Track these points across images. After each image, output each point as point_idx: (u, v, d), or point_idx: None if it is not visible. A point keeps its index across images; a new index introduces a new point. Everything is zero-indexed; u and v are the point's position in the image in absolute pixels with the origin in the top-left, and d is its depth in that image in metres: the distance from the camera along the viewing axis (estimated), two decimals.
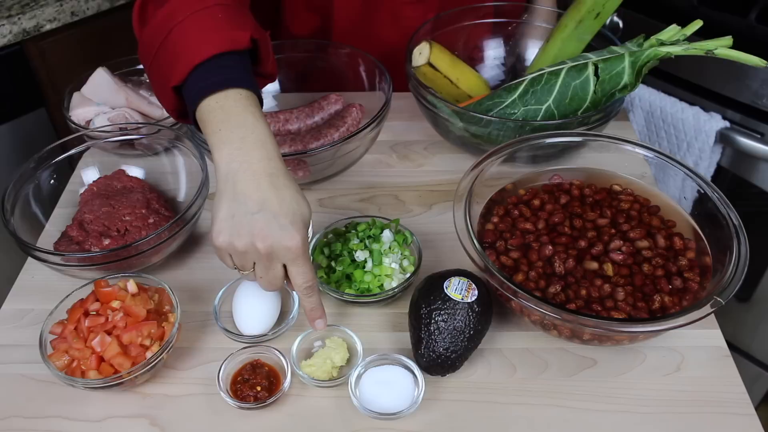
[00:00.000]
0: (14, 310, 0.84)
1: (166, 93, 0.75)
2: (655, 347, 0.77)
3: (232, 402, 0.71)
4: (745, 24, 1.29)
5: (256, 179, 0.67)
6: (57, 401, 0.74)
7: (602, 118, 0.92)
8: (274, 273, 0.70)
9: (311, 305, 0.74)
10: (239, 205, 0.67)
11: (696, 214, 0.82)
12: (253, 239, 0.67)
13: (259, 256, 0.68)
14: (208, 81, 0.70)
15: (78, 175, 0.98)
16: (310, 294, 0.73)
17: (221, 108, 0.70)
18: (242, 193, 0.67)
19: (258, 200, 0.67)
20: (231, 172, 0.68)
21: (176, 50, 0.72)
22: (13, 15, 1.43)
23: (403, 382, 0.71)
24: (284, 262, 0.70)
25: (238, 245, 0.68)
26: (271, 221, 0.67)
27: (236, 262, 0.71)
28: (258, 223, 0.67)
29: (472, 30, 1.13)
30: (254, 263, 0.70)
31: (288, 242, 0.67)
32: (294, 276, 0.71)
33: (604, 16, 0.97)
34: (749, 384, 1.12)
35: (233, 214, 0.67)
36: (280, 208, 0.67)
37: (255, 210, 0.67)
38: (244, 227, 0.67)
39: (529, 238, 0.79)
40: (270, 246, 0.67)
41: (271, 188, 0.68)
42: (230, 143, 0.68)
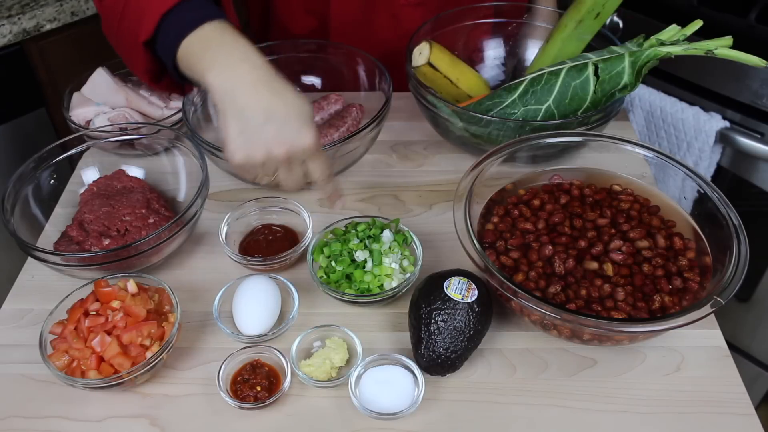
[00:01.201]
0: (14, 310, 0.84)
1: (137, 53, 0.77)
2: (655, 347, 0.77)
3: (232, 402, 0.71)
4: (745, 24, 1.29)
5: (254, 90, 0.69)
6: (57, 401, 0.74)
7: (602, 118, 0.92)
8: (296, 173, 0.74)
9: (329, 191, 0.79)
10: (246, 120, 0.69)
11: (696, 214, 0.82)
12: (270, 147, 0.70)
13: (279, 161, 0.71)
14: (182, 22, 0.73)
15: (78, 175, 0.98)
16: (329, 182, 0.78)
17: (200, 39, 0.72)
18: (245, 107, 0.69)
19: (263, 109, 0.69)
20: (227, 91, 0.70)
21: (140, 7, 0.75)
22: (13, 15, 1.43)
23: (403, 382, 0.71)
24: (302, 159, 0.73)
25: (256, 157, 0.70)
26: (282, 126, 0.69)
27: (258, 172, 0.74)
28: (270, 132, 0.69)
29: (472, 30, 1.13)
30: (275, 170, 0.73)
31: (303, 142, 0.71)
32: (313, 171, 0.75)
33: (604, 16, 0.97)
34: (749, 384, 1.12)
35: (242, 130, 0.69)
36: (286, 112, 0.70)
37: (263, 120, 0.69)
38: (258, 139, 0.69)
39: (529, 238, 0.79)
40: (287, 150, 0.70)
41: (272, 94, 0.70)
42: (217, 64, 0.70)
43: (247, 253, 0.87)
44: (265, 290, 0.79)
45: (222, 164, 0.95)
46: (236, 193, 0.99)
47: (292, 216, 0.91)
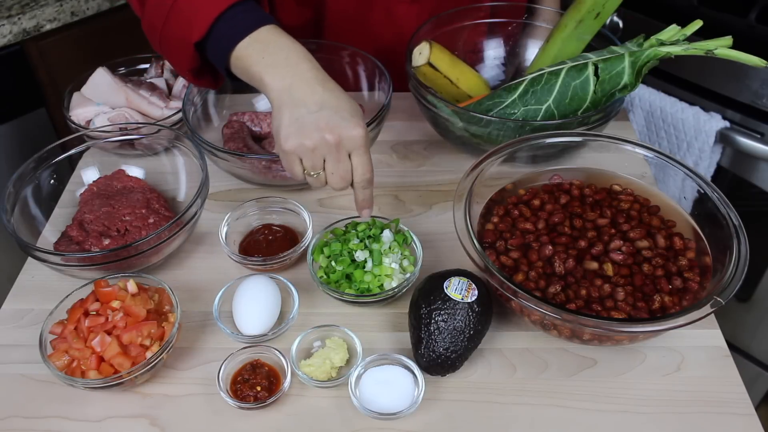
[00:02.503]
0: (14, 310, 0.84)
1: (184, 53, 0.80)
2: (655, 347, 0.77)
3: (232, 402, 0.71)
4: (745, 24, 1.29)
5: (310, 86, 0.74)
6: (57, 401, 0.74)
7: (602, 118, 0.92)
8: (344, 165, 0.76)
9: (364, 197, 0.79)
10: (300, 109, 0.73)
11: (696, 214, 0.82)
12: (322, 133, 0.73)
13: (330, 148, 0.74)
14: (237, 27, 0.77)
15: (78, 175, 0.98)
16: (367, 186, 0.78)
17: (257, 41, 0.76)
18: (300, 98, 0.74)
19: (317, 101, 0.74)
20: (285, 87, 0.74)
21: (191, 8, 0.78)
22: (13, 15, 1.43)
23: (403, 382, 0.71)
24: (350, 150, 0.75)
25: (307, 143, 0.73)
26: (334, 115, 0.73)
27: (306, 163, 0.76)
28: (323, 119, 0.73)
29: (472, 30, 1.13)
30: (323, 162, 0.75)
31: (353, 131, 0.74)
32: (356, 166, 0.76)
33: (604, 16, 0.97)
34: (749, 384, 1.12)
35: (297, 118, 0.73)
36: (339, 104, 0.74)
37: (316, 109, 0.73)
38: (311, 125, 0.73)
39: (529, 238, 0.79)
40: (338, 136, 0.73)
41: (326, 90, 0.75)
42: (278, 64, 0.75)
43: (247, 253, 0.87)
44: (265, 290, 0.79)
45: (222, 164, 0.95)
46: (236, 193, 0.99)
47: (292, 216, 0.91)
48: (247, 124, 1.04)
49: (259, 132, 1.04)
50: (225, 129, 1.02)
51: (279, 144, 0.75)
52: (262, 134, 1.04)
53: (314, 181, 0.79)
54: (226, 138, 1.00)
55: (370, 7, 1.10)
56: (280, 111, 0.74)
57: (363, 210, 0.81)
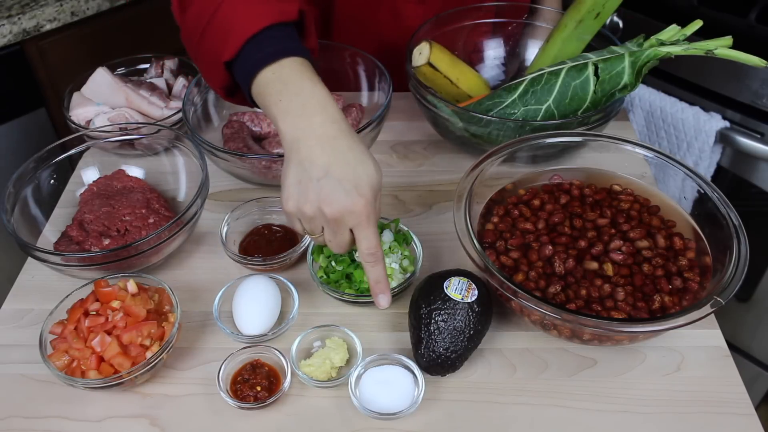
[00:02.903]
0: (14, 310, 0.84)
1: (216, 70, 0.77)
2: (655, 347, 0.77)
3: (232, 402, 0.71)
4: (745, 24, 1.29)
5: (320, 144, 0.69)
6: (57, 401, 0.74)
7: (602, 118, 0.92)
8: (342, 238, 0.72)
9: (375, 277, 0.73)
10: (304, 171, 0.69)
11: (696, 214, 0.82)
12: (320, 205, 0.69)
13: (327, 221, 0.70)
14: (263, 52, 0.72)
15: (78, 175, 0.98)
16: (374, 263, 0.73)
17: (278, 79, 0.71)
18: (307, 159, 0.69)
19: (322, 165, 0.68)
20: (295, 140, 0.69)
21: (226, 26, 0.74)
22: (13, 15, 1.43)
23: (403, 382, 0.71)
24: (350, 226, 0.70)
25: (306, 211, 0.70)
26: (336, 186, 0.68)
27: (305, 226, 0.73)
28: (324, 189, 0.68)
29: (472, 30, 1.13)
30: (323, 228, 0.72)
31: (352, 207, 0.68)
32: (359, 241, 0.72)
33: (604, 16, 0.97)
34: (749, 384, 1.12)
35: (299, 180, 0.69)
36: (343, 173, 0.68)
37: (320, 176, 0.68)
38: (311, 193, 0.69)
39: (529, 238, 0.79)
40: (336, 211, 0.69)
41: (335, 152, 0.69)
42: (292, 112, 0.70)
43: (247, 253, 0.87)
44: (265, 290, 0.79)
45: (222, 164, 0.95)
46: (236, 193, 0.99)
47: None
48: (247, 124, 1.04)
49: (259, 132, 1.04)
50: (225, 129, 1.02)
51: (281, 201, 0.72)
52: (262, 134, 1.04)
53: (315, 241, 0.76)
54: (226, 138, 1.00)
55: (377, 7, 1.10)
56: (287, 164, 0.71)
57: (378, 296, 0.74)
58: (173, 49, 1.31)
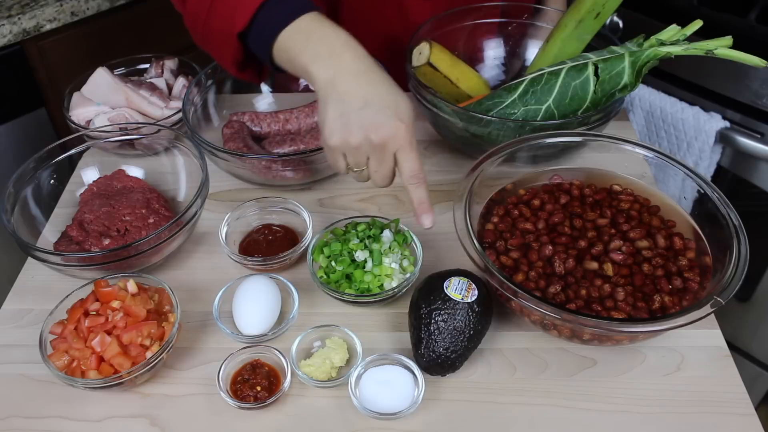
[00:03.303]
0: (14, 310, 0.84)
1: (228, 44, 0.80)
2: (655, 347, 0.77)
3: (232, 402, 0.71)
4: (745, 24, 1.29)
5: (355, 79, 0.72)
6: (57, 401, 0.74)
7: (602, 118, 0.92)
8: (387, 165, 0.74)
9: (418, 198, 0.76)
10: (345, 105, 0.72)
11: (696, 214, 0.82)
12: (366, 132, 0.72)
13: (373, 147, 0.72)
14: (279, 15, 0.75)
15: (78, 175, 0.98)
16: (418, 185, 0.75)
17: (300, 32, 0.75)
18: (345, 93, 0.72)
19: (361, 97, 0.72)
20: (330, 79, 0.72)
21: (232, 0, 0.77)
22: (13, 15, 1.43)
23: (403, 382, 0.71)
24: (394, 150, 0.73)
25: (351, 141, 0.72)
26: (378, 113, 0.72)
27: (350, 159, 0.75)
28: (366, 117, 0.71)
29: (472, 30, 1.12)
30: (367, 159, 0.74)
31: (395, 131, 0.72)
32: (402, 164, 0.74)
33: (604, 16, 0.97)
34: (749, 384, 1.12)
35: (341, 113, 0.72)
36: (382, 101, 0.72)
37: (361, 105, 0.72)
38: (355, 123, 0.72)
39: (529, 238, 0.79)
40: (382, 137, 0.72)
41: (370, 84, 0.73)
42: (321, 55, 0.73)
43: (247, 253, 0.87)
44: (265, 290, 0.79)
45: (222, 164, 0.95)
46: (236, 193, 0.99)
47: (292, 216, 0.91)
48: (247, 124, 1.04)
49: (259, 132, 1.04)
50: (225, 129, 1.02)
51: (323, 138, 0.74)
52: (262, 134, 1.04)
53: (358, 177, 0.78)
54: (226, 138, 1.00)
55: (384, 3, 1.10)
56: (325, 104, 0.73)
57: (421, 216, 0.76)
58: (173, 49, 1.31)
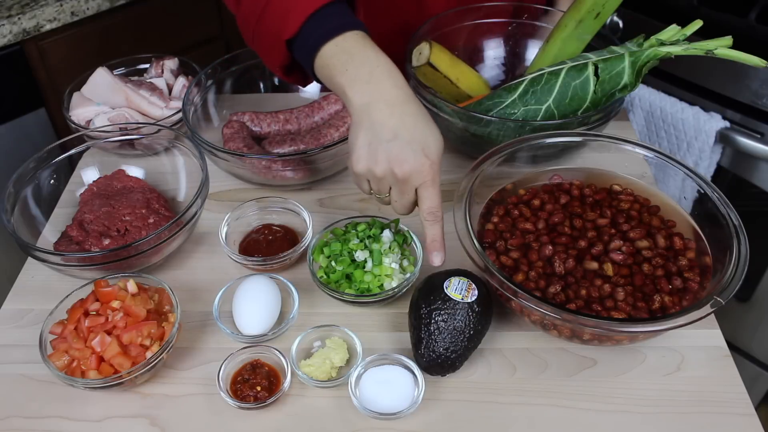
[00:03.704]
0: (14, 310, 0.84)
1: (276, 49, 0.80)
2: (655, 347, 0.77)
3: (232, 402, 0.71)
4: (745, 24, 1.29)
5: (389, 108, 0.73)
6: (57, 401, 0.74)
7: (602, 118, 0.92)
8: (408, 197, 0.76)
9: (432, 235, 0.77)
10: (375, 134, 0.73)
11: (696, 214, 0.82)
12: (391, 165, 0.73)
13: (395, 180, 0.74)
14: (325, 27, 0.76)
15: (78, 175, 0.98)
16: (434, 222, 0.76)
17: (343, 50, 0.75)
18: (377, 122, 0.73)
19: (392, 128, 0.72)
20: (365, 105, 0.73)
21: (284, 6, 0.77)
22: (13, 15, 1.43)
23: (403, 382, 0.71)
24: (416, 185, 0.74)
25: (377, 171, 0.74)
26: (405, 147, 0.72)
27: (373, 186, 0.77)
28: (393, 150, 0.72)
29: (472, 30, 1.12)
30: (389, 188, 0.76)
31: (420, 167, 0.73)
32: (422, 200, 0.75)
33: (604, 16, 0.97)
34: (749, 384, 1.12)
35: (369, 142, 0.73)
36: (412, 136, 0.73)
37: (390, 138, 0.72)
38: (381, 154, 0.73)
39: (529, 238, 0.79)
40: (405, 171, 0.73)
41: (404, 116, 0.73)
42: (360, 79, 0.74)
43: (247, 253, 0.87)
44: (265, 290, 0.79)
45: (222, 164, 0.95)
46: (236, 193, 0.99)
47: (292, 216, 0.91)
48: (247, 124, 1.04)
49: (259, 132, 1.04)
50: (225, 129, 1.02)
51: (351, 162, 0.75)
52: (262, 134, 1.04)
53: (380, 201, 0.79)
54: (226, 138, 1.00)
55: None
56: (356, 129, 0.74)
57: (432, 253, 0.77)
58: (173, 49, 1.31)
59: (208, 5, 1.82)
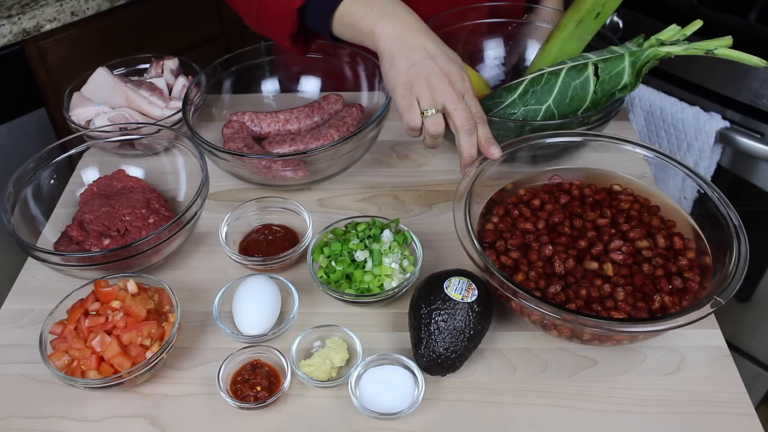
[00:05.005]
0: (14, 310, 0.84)
1: (286, 19, 0.87)
2: (655, 347, 0.77)
3: (232, 402, 0.71)
4: (745, 24, 1.29)
5: (420, 35, 0.81)
6: (57, 401, 0.74)
7: (602, 118, 0.92)
8: (464, 104, 0.80)
9: (485, 135, 0.83)
10: (415, 54, 0.80)
11: (696, 214, 0.82)
12: (439, 75, 0.79)
13: (449, 89, 0.79)
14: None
15: (78, 175, 0.98)
16: (483, 124, 0.83)
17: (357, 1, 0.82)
18: (416, 45, 0.80)
19: (431, 49, 0.81)
20: (398, 36, 0.80)
21: None
22: (13, 15, 1.43)
23: (403, 382, 0.71)
24: (463, 93, 0.81)
25: (432, 81, 0.79)
26: (447, 61, 0.81)
27: (424, 102, 0.80)
28: (438, 64, 0.80)
29: (472, 30, 1.13)
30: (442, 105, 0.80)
31: (462, 75, 0.81)
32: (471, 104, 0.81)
33: (604, 16, 0.97)
34: (749, 384, 1.12)
35: (413, 63, 0.79)
36: (446, 52, 0.82)
37: (432, 55, 0.80)
38: (428, 68, 0.79)
39: (529, 238, 0.79)
40: (453, 79, 0.79)
41: (434, 41, 0.82)
42: (387, 16, 0.81)
43: (247, 253, 0.87)
44: (265, 290, 0.79)
45: (222, 164, 0.95)
46: (236, 193, 0.99)
47: (292, 216, 0.91)
48: (247, 124, 1.04)
49: (259, 132, 1.04)
50: (225, 129, 1.02)
51: (397, 88, 0.80)
52: (262, 134, 1.04)
53: (431, 125, 0.81)
54: (226, 138, 1.00)
55: None
56: (394, 59, 0.80)
57: (490, 148, 0.82)
58: (173, 49, 1.31)
59: (208, 5, 1.82)
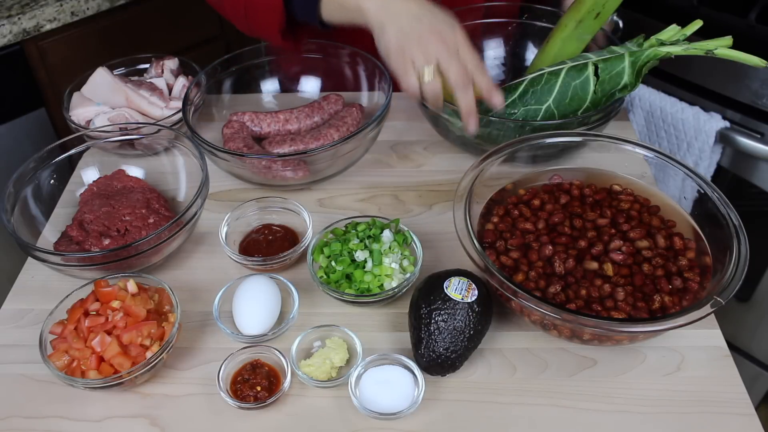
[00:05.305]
0: (14, 310, 0.84)
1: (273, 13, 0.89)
2: (655, 347, 0.77)
3: (232, 402, 0.71)
4: (745, 24, 1.29)
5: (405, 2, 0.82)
6: (57, 401, 0.74)
7: (602, 118, 0.92)
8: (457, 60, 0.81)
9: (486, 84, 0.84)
10: (402, 19, 0.81)
11: (696, 214, 0.82)
12: (430, 34, 0.80)
13: (441, 46, 0.80)
14: None
15: (78, 175, 0.98)
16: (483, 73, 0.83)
17: None
18: (399, 11, 0.82)
19: (414, 13, 0.82)
20: (381, 5, 0.82)
21: None
22: (13, 15, 1.43)
23: (403, 382, 0.71)
24: (458, 48, 0.81)
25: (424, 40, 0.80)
26: (434, 19, 0.82)
27: (419, 62, 0.81)
28: (425, 24, 0.81)
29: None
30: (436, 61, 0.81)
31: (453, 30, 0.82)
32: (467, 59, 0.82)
33: (604, 16, 0.97)
34: (749, 384, 1.12)
35: (401, 27, 0.81)
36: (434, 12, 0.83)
37: (416, 19, 0.81)
38: (417, 30, 0.81)
39: (529, 238, 0.79)
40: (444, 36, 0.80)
41: (421, 6, 0.83)
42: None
43: (247, 253, 0.87)
44: (265, 290, 0.79)
45: (222, 164, 0.95)
46: (236, 193, 0.99)
47: (292, 216, 0.91)
48: (247, 124, 1.04)
49: (259, 132, 1.04)
50: (225, 129, 1.02)
51: (390, 55, 0.82)
52: (262, 134, 1.04)
53: (429, 92, 0.82)
54: (226, 138, 1.00)
55: None
56: (383, 27, 0.81)
57: (492, 94, 0.83)
58: (173, 49, 1.31)
59: (207, 5, 1.82)
